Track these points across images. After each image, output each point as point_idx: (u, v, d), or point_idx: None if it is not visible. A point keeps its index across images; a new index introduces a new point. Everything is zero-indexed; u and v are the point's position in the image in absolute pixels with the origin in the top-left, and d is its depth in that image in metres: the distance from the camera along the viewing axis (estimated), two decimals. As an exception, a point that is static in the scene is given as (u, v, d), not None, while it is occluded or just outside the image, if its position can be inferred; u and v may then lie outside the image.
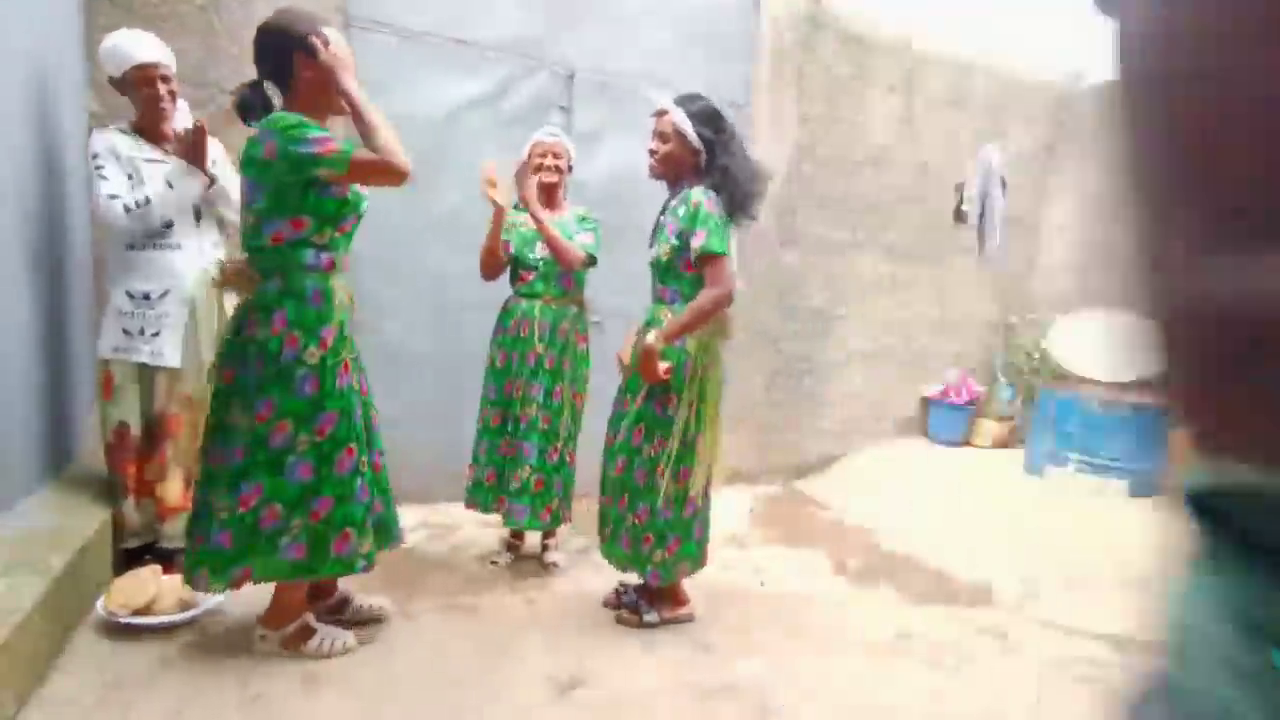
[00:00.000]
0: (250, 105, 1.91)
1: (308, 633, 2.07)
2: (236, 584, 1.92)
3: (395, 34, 3.04)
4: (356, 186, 1.94)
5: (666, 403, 2.26)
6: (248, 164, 1.84)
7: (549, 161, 2.64)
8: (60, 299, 2.40)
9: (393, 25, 3.06)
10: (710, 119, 2.23)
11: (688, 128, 2.21)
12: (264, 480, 1.87)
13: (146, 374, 2.32)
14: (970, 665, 2.39)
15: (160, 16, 2.69)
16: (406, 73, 3.08)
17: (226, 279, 1.98)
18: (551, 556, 2.85)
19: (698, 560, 2.43)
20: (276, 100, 1.92)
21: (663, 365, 2.21)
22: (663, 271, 2.30)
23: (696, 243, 2.15)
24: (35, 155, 2.18)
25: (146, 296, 2.29)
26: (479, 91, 3.28)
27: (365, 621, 2.27)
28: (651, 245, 2.36)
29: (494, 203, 2.53)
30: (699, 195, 2.18)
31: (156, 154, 2.32)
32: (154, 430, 2.34)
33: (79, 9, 2.56)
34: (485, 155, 3.27)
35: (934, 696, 2.18)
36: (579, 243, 2.64)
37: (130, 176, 2.26)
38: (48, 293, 2.28)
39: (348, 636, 2.12)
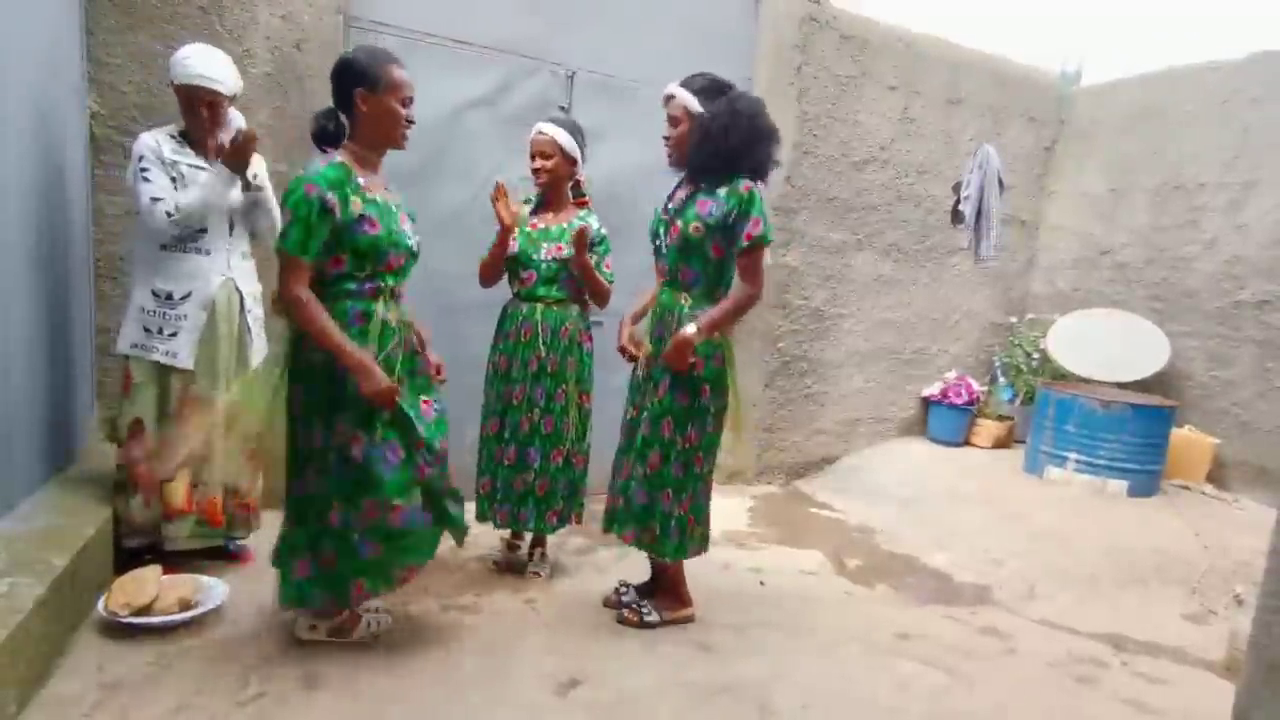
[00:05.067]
0: (322, 133, 1.98)
1: (356, 619, 2.15)
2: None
3: (395, 34, 3.04)
4: (394, 226, 1.97)
5: (698, 393, 2.27)
6: None
7: (537, 163, 2.56)
8: (60, 298, 2.39)
9: (393, 25, 3.06)
10: (714, 90, 2.22)
11: (696, 105, 2.20)
12: (384, 494, 1.95)
13: (164, 373, 2.32)
14: (970, 665, 2.40)
15: (162, 18, 2.68)
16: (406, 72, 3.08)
17: (278, 306, 1.98)
18: (535, 567, 2.78)
19: (707, 540, 2.47)
20: (347, 128, 1.98)
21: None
22: (687, 250, 2.26)
23: (754, 230, 2.16)
24: (36, 155, 2.17)
25: (169, 297, 2.30)
26: (479, 91, 3.28)
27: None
28: (670, 223, 2.30)
29: (501, 219, 2.49)
30: (750, 184, 2.19)
31: (200, 160, 2.33)
32: (167, 431, 2.33)
33: (79, 8, 2.56)
34: (486, 155, 3.30)
35: (934, 696, 2.19)
36: (604, 271, 2.61)
37: (174, 180, 2.27)
38: (48, 292, 2.28)
39: (385, 616, 2.23)
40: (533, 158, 2.57)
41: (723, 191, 2.19)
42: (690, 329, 2.18)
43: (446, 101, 3.21)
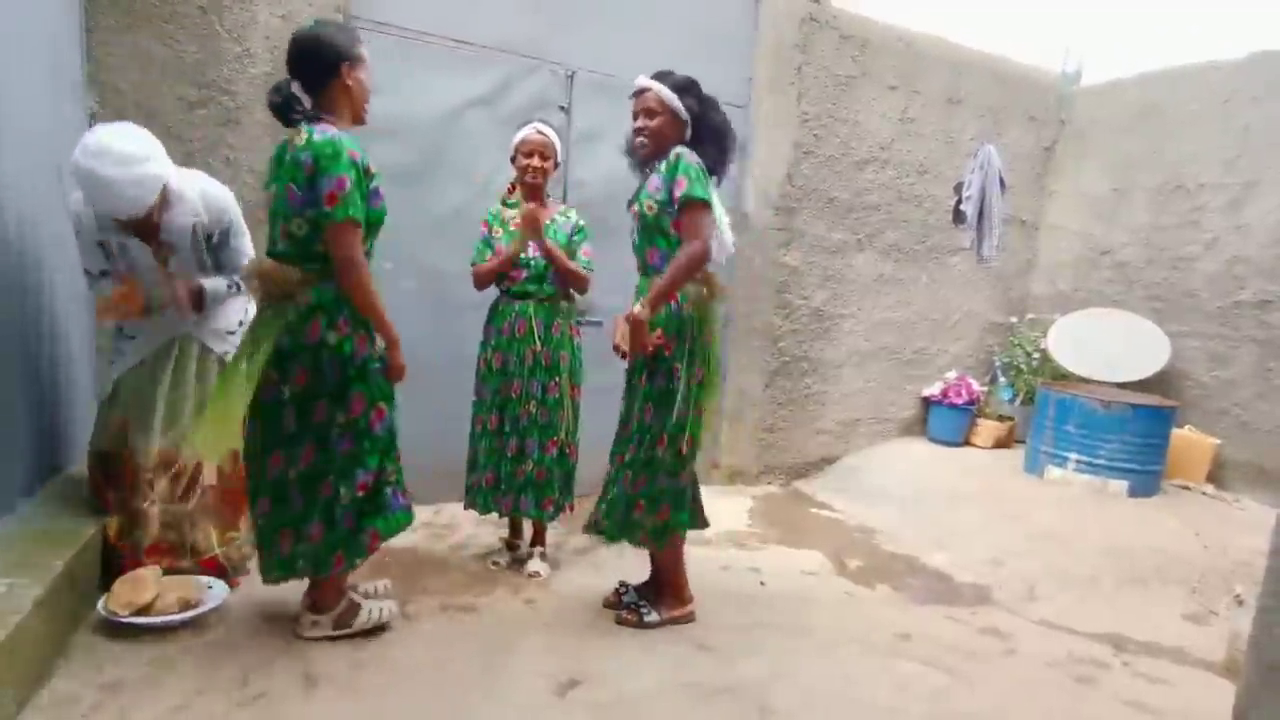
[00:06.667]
0: (286, 106, 1.95)
1: (355, 608, 2.15)
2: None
3: (395, 34, 3.04)
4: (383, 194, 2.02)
5: (671, 375, 2.27)
6: (294, 170, 1.88)
7: (535, 163, 2.62)
8: (61, 298, 2.39)
9: (393, 25, 3.06)
10: (690, 88, 2.28)
11: (674, 100, 2.24)
12: (375, 465, 2.05)
13: (103, 406, 2.29)
14: (970, 665, 2.40)
15: (161, 17, 2.68)
16: (406, 73, 3.08)
17: (264, 282, 1.96)
18: (534, 566, 2.79)
19: (695, 520, 2.46)
20: (306, 102, 1.95)
21: (653, 334, 2.22)
22: (648, 232, 2.29)
23: (679, 190, 2.18)
24: (33, 158, 2.17)
25: (121, 327, 2.30)
26: (479, 91, 3.28)
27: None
28: (631, 206, 2.36)
29: (522, 245, 2.58)
30: (679, 149, 2.23)
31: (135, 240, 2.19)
32: (106, 464, 2.27)
33: (79, 8, 2.56)
34: (485, 155, 3.30)
35: (934, 696, 2.18)
36: (581, 258, 2.69)
37: (107, 256, 2.18)
38: (48, 292, 2.28)
39: (390, 603, 2.22)
40: (530, 156, 2.62)
41: (663, 165, 2.25)
42: (637, 307, 2.19)
43: (446, 101, 3.21)
